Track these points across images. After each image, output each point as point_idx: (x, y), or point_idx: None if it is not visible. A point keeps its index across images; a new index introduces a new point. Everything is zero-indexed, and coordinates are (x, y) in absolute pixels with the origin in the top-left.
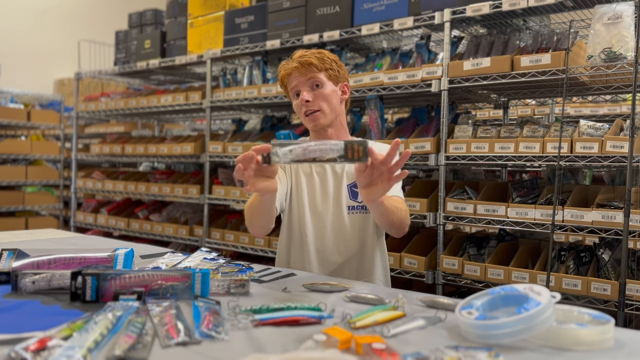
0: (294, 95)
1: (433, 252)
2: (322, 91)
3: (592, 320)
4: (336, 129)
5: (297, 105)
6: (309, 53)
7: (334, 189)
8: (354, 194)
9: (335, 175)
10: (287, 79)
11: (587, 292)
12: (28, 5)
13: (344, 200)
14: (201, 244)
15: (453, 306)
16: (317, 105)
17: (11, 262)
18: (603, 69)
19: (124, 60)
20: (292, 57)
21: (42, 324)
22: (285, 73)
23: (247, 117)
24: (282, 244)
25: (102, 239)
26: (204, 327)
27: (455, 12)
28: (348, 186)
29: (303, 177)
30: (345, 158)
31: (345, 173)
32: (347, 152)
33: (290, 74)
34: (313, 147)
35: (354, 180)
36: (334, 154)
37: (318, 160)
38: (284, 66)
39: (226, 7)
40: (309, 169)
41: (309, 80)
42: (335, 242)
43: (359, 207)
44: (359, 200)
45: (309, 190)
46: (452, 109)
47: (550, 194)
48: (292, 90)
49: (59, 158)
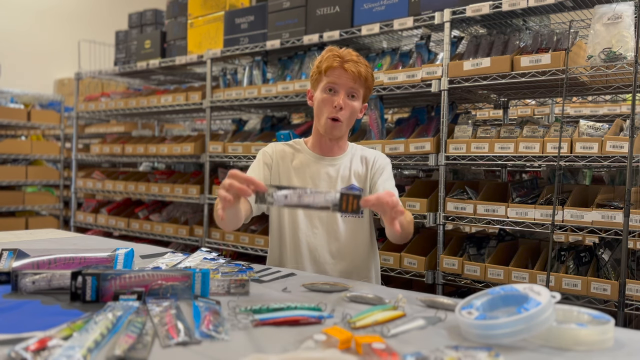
0: (326, 89)
1: (433, 252)
2: (354, 104)
3: (592, 320)
4: (342, 138)
5: (326, 100)
6: (362, 62)
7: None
8: None
9: (329, 179)
10: (330, 71)
11: (587, 292)
12: (28, 5)
13: None
14: (201, 244)
15: (453, 306)
16: (344, 116)
17: (11, 262)
18: (603, 69)
19: (124, 60)
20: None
21: (42, 324)
22: (334, 66)
23: (247, 117)
24: (274, 244)
25: (102, 239)
26: (204, 327)
27: (455, 12)
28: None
29: (295, 179)
30: (339, 208)
31: (339, 176)
32: (341, 204)
33: (340, 70)
34: (308, 195)
35: (348, 184)
36: (328, 203)
37: (311, 207)
38: (336, 59)
39: (226, 7)
40: (301, 169)
41: (350, 88)
42: (328, 244)
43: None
44: None
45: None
46: (452, 109)
47: (550, 194)
48: (330, 83)
49: (59, 158)
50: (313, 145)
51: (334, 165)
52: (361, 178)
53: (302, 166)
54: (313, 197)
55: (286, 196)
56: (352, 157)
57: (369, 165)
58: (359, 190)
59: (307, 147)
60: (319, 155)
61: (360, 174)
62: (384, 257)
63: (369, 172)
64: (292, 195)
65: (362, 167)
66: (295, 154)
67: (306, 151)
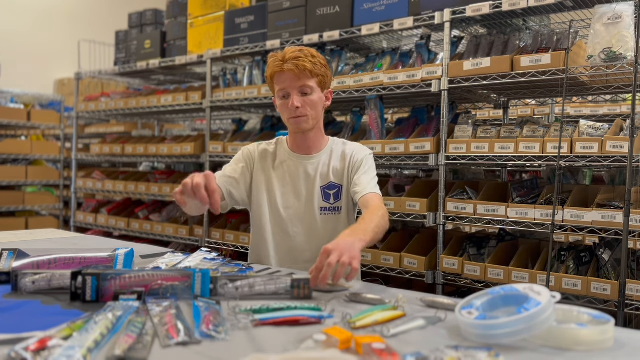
0: (280, 96)
1: (433, 252)
2: (311, 98)
3: (592, 320)
4: (315, 132)
5: (283, 105)
6: (303, 55)
7: (306, 190)
8: (327, 195)
9: (307, 177)
10: (276, 77)
11: (587, 292)
12: (28, 5)
13: (316, 201)
14: (201, 244)
15: (453, 306)
16: (305, 112)
17: (11, 262)
18: (603, 69)
19: (124, 60)
20: (284, 53)
21: (42, 324)
22: (276, 71)
23: (247, 117)
24: (254, 242)
25: (102, 239)
26: (204, 327)
27: (455, 12)
28: (321, 188)
29: (275, 178)
30: (291, 295)
31: (318, 174)
32: (292, 291)
33: (282, 73)
34: (260, 284)
35: (327, 182)
36: (280, 291)
37: (264, 295)
38: (276, 63)
39: (226, 7)
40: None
41: (300, 86)
42: (307, 241)
43: (331, 209)
44: (331, 201)
45: (281, 190)
46: (452, 109)
47: (550, 194)
48: (280, 90)
49: (59, 158)
50: (291, 144)
51: (312, 164)
52: (339, 174)
53: (281, 166)
54: (265, 286)
55: (237, 288)
56: (332, 153)
57: (347, 160)
58: (338, 187)
59: (287, 146)
60: (297, 154)
61: (338, 169)
62: (384, 257)
63: (347, 167)
64: (243, 286)
65: (340, 163)
66: (277, 153)
67: (286, 151)
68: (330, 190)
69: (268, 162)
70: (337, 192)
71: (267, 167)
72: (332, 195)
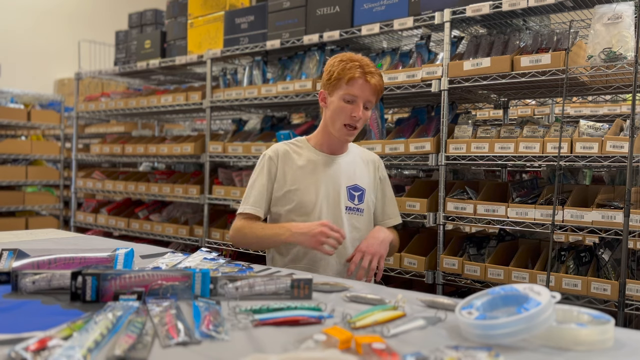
0: (345, 99)
1: (433, 252)
2: (368, 113)
3: (592, 320)
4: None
5: (344, 109)
6: (378, 72)
7: (333, 188)
8: (352, 196)
9: (334, 175)
10: (352, 82)
11: (587, 292)
12: (28, 6)
13: (342, 199)
14: (201, 244)
15: (453, 306)
16: (359, 125)
17: (11, 262)
18: (603, 69)
19: (124, 60)
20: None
21: (42, 324)
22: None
23: (247, 117)
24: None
25: (102, 239)
26: (204, 327)
27: (455, 12)
28: (347, 188)
29: (302, 178)
30: (291, 295)
31: (344, 174)
32: (292, 291)
33: (359, 81)
34: (259, 284)
35: (352, 183)
36: (280, 291)
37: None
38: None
39: (226, 7)
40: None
41: (368, 101)
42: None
43: (355, 209)
44: (355, 202)
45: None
46: (452, 109)
47: (550, 194)
48: (349, 94)
49: (59, 158)
50: (320, 144)
51: (338, 164)
52: (364, 179)
53: (307, 165)
54: (264, 286)
55: (237, 288)
56: (354, 156)
57: (371, 167)
58: (362, 190)
59: (311, 146)
60: (325, 153)
61: (364, 174)
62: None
63: (374, 177)
64: (243, 286)
65: (366, 168)
66: (300, 152)
67: (311, 150)
68: (355, 192)
69: (291, 162)
70: (361, 195)
71: (292, 168)
72: (356, 197)
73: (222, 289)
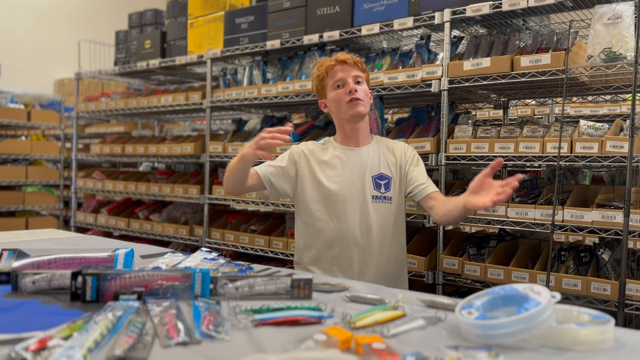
0: (335, 87)
1: (433, 252)
2: (363, 87)
3: (592, 320)
4: (365, 124)
5: (339, 94)
6: (349, 54)
7: (358, 178)
8: (377, 185)
9: (359, 166)
10: (331, 72)
11: (587, 292)
12: (28, 5)
13: (367, 189)
14: (201, 244)
15: (453, 306)
16: (360, 95)
17: (11, 262)
18: (603, 69)
19: (124, 60)
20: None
21: (42, 324)
22: (331, 65)
23: (247, 117)
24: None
25: (102, 239)
26: (204, 327)
27: (455, 12)
28: (372, 177)
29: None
30: (291, 295)
31: (369, 164)
32: (292, 291)
33: (335, 67)
34: (259, 284)
35: (377, 173)
36: (280, 291)
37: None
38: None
39: (226, 7)
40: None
41: (354, 75)
42: (360, 225)
43: (382, 197)
44: (382, 191)
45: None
46: (452, 109)
47: (550, 194)
48: (335, 81)
49: (59, 158)
50: (341, 139)
51: (362, 155)
52: (389, 166)
53: (332, 158)
54: (264, 286)
55: (237, 288)
56: (379, 146)
57: (397, 154)
58: (388, 179)
59: (336, 142)
60: (347, 146)
61: (389, 162)
62: None
63: (399, 161)
64: (243, 286)
65: (391, 155)
66: (326, 149)
67: (336, 145)
68: (381, 181)
69: (316, 156)
70: (388, 183)
71: (317, 161)
72: (382, 185)
73: (222, 289)
